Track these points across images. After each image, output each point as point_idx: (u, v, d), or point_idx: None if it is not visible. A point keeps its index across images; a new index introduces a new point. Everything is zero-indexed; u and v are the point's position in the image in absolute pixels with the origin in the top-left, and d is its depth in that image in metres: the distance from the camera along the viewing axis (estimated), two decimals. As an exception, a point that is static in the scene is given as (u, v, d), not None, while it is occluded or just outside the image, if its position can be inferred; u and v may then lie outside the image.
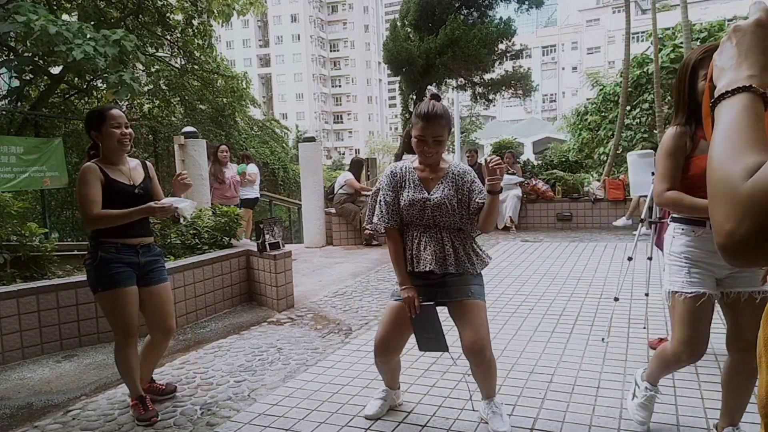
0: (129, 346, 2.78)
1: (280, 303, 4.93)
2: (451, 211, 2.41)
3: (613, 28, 53.19)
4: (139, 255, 2.82)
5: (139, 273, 2.82)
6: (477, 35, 10.94)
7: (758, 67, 0.68)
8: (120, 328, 2.77)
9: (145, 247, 2.87)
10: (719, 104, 0.67)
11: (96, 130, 2.77)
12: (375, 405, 2.74)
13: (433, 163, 2.47)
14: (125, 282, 2.74)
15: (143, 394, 2.87)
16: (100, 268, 2.72)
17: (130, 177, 2.84)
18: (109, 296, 2.73)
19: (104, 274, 2.71)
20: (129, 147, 2.84)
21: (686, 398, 2.75)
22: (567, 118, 17.20)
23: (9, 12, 6.61)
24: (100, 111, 2.81)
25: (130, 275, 2.77)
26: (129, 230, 2.77)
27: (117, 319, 2.76)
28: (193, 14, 11.92)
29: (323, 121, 75.30)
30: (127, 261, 2.77)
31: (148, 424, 2.75)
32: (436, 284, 2.47)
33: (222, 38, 52.63)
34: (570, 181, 9.72)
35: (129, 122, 2.85)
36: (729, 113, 0.65)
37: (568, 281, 5.45)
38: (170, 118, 13.75)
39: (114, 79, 7.19)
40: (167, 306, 2.94)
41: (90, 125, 2.79)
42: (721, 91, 0.68)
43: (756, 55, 0.69)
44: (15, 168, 6.68)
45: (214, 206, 6.07)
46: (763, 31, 0.70)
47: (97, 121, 2.76)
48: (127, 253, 2.78)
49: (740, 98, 0.66)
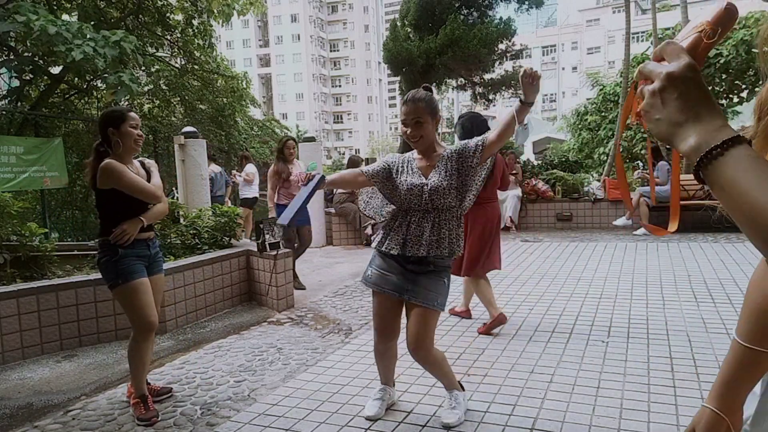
0: (146, 339, 2.89)
1: (280, 303, 4.93)
2: (448, 193, 2.49)
3: (613, 28, 53.19)
4: (149, 248, 3.00)
5: (147, 264, 2.97)
6: (477, 35, 10.95)
7: (719, 114, 0.65)
8: (140, 319, 2.85)
9: (152, 241, 3.05)
10: (712, 164, 0.62)
11: (115, 128, 2.86)
12: (374, 405, 2.75)
13: (426, 150, 2.58)
14: (142, 273, 2.90)
15: (146, 393, 2.90)
16: (116, 263, 2.83)
17: (138, 175, 2.96)
18: (127, 289, 2.84)
19: (123, 268, 2.83)
20: (140, 148, 2.99)
21: (686, 398, 2.75)
22: (567, 118, 17.21)
23: (9, 12, 6.62)
24: (121, 111, 2.92)
25: (143, 267, 2.93)
26: (141, 227, 2.94)
27: (138, 311, 2.85)
28: (193, 14, 11.92)
29: (323, 121, 75.30)
30: (141, 254, 2.94)
31: (148, 424, 2.76)
32: (410, 278, 2.52)
33: (222, 38, 52.67)
34: (570, 181, 9.72)
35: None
36: (743, 167, 0.60)
37: (568, 281, 5.45)
38: (170, 118, 13.75)
39: (113, 80, 7.19)
40: (158, 296, 3.08)
41: (109, 123, 2.87)
42: (703, 151, 0.62)
43: (709, 101, 0.65)
44: (15, 168, 6.68)
45: (214, 206, 6.05)
46: (697, 74, 0.66)
47: (119, 120, 2.86)
48: (140, 247, 2.94)
49: (739, 151, 0.61)
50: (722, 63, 10.72)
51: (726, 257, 6.26)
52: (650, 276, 5.48)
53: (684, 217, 8.84)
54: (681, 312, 4.25)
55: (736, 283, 5.04)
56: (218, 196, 8.82)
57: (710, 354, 3.35)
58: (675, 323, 3.97)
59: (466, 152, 2.50)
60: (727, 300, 4.52)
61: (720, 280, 5.21)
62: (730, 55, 10.57)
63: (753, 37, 10.25)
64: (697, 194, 8.40)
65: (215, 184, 8.84)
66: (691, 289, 4.91)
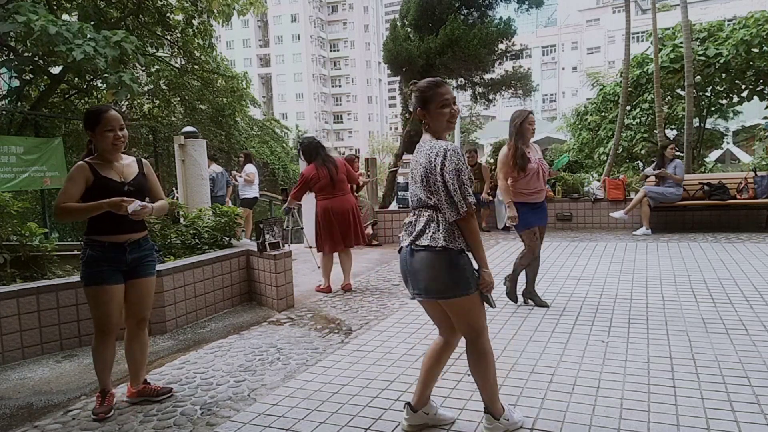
0: (104, 342, 2.90)
1: (280, 303, 4.93)
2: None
3: (613, 28, 53.22)
4: (126, 253, 2.87)
5: (126, 268, 2.89)
6: (477, 35, 10.93)
7: None
8: (98, 323, 2.88)
9: (134, 244, 2.91)
10: None
11: (90, 130, 2.83)
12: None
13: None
14: (108, 280, 2.82)
15: (108, 390, 2.95)
16: (87, 264, 2.82)
17: (122, 174, 2.89)
18: (91, 292, 2.84)
19: (90, 271, 2.81)
20: (122, 149, 2.90)
21: (686, 398, 2.75)
22: (567, 118, 17.22)
23: (9, 12, 6.62)
24: (96, 112, 2.84)
25: (113, 273, 2.84)
26: (116, 227, 2.83)
27: (97, 315, 2.87)
28: (193, 14, 11.93)
29: (323, 121, 75.31)
30: (114, 259, 2.84)
31: (95, 418, 2.84)
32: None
33: (222, 38, 52.67)
34: (570, 181, 9.72)
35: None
36: None
37: (568, 281, 5.45)
38: (170, 118, 13.76)
39: (114, 80, 7.19)
40: (147, 299, 3.01)
41: (85, 124, 2.85)
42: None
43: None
44: (15, 168, 6.68)
45: (214, 206, 6.05)
46: None
47: (92, 122, 2.81)
48: (114, 252, 2.84)
49: None
50: (722, 63, 10.73)
51: (726, 257, 6.26)
52: (650, 276, 5.48)
53: (684, 217, 8.85)
54: (681, 312, 4.25)
55: (736, 283, 5.04)
56: (219, 196, 8.84)
57: (710, 354, 3.35)
58: (675, 323, 3.97)
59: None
60: (727, 300, 4.52)
61: (720, 280, 5.20)
62: (729, 55, 10.58)
63: (752, 37, 10.25)
64: (697, 194, 8.39)
65: (216, 184, 8.86)
66: (691, 289, 4.91)
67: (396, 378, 3.20)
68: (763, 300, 4.48)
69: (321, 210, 5.53)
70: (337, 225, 5.49)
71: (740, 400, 2.69)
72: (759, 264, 5.81)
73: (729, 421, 2.49)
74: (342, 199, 5.56)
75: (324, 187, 5.48)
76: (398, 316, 4.54)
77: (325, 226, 5.51)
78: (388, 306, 4.90)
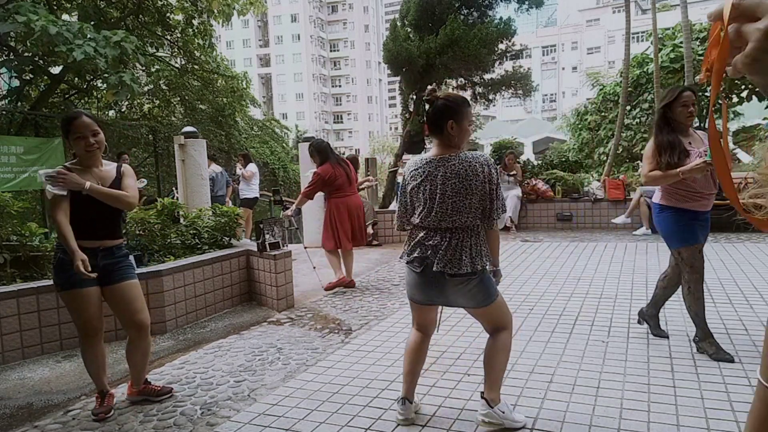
0: (88, 344, 2.89)
1: (280, 303, 4.93)
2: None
3: (613, 28, 53.17)
4: (98, 258, 2.85)
5: (100, 273, 2.84)
6: (477, 35, 10.92)
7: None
8: (79, 326, 2.89)
9: (107, 250, 2.89)
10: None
11: (65, 137, 2.90)
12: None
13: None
14: (81, 283, 2.78)
15: (105, 390, 2.96)
16: (58, 268, 2.82)
17: (99, 180, 2.87)
18: (66, 296, 2.85)
19: (62, 275, 2.80)
20: (99, 154, 2.88)
21: (686, 398, 2.75)
22: (567, 118, 17.20)
23: (9, 12, 6.62)
24: (65, 120, 2.86)
25: (84, 278, 2.77)
26: (86, 233, 2.81)
27: (76, 319, 2.87)
28: (193, 14, 11.93)
29: (323, 121, 75.25)
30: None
31: (95, 418, 2.85)
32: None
33: (222, 38, 52.65)
34: (570, 181, 9.72)
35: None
36: None
37: (568, 281, 5.45)
38: (170, 118, 13.76)
39: (114, 80, 7.19)
40: (134, 302, 2.95)
41: (61, 130, 2.91)
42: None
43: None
44: (15, 168, 6.69)
45: (214, 206, 6.05)
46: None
47: (64, 129, 2.85)
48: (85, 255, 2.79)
49: None
50: (722, 63, 10.70)
51: (726, 257, 6.25)
52: (650, 276, 5.48)
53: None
54: (681, 312, 4.24)
55: (736, 283, 5.04)
56: (219, 196, 8.84)
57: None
58: (675, 323, 3.97)
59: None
60: (727, 300, 4.52)
61: (720, 280, 5.20)
62: (729, 55, 10.55)
63: None
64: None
65: (216, 184, 8.86)
66: (691, 289, 4.90)
67: (396, 378, 3.20)
68: (763, 300, 4.48)
69: (336, 207, 5.61)
70: (350, 222, 5.64)
71: (740, 400, 2.69)
72: (759, 264, 5.81)
73: (729, 421, 2.49)
74: (356, 197, 5.77)
75: (341, 186, 5.60)
76: (398, 316, 4.54)
77: (341, 224, 5.59)
78: (388, 306, 4.90)
